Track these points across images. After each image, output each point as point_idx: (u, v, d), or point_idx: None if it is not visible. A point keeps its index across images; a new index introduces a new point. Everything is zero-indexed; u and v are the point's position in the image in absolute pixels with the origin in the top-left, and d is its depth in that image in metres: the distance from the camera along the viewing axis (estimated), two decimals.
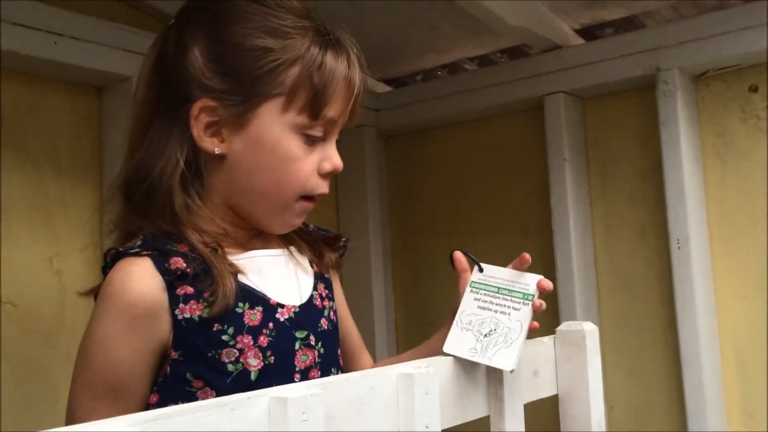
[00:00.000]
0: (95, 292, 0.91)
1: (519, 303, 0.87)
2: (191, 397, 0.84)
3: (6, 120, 1.39)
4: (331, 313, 0.99)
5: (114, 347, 0.84)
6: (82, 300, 1.42)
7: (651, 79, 1.66)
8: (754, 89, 1.61)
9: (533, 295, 0.87)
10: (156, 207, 0.90)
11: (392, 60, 2.01)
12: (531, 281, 0.88)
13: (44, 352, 1.42)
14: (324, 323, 0.96)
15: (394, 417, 0.73)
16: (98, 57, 1.45)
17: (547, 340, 0.99)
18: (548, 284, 0.88)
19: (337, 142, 0.96)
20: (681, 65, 1.62)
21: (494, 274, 0.91)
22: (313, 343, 0.93)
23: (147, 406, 0.85)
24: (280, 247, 0.98)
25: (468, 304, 0.90)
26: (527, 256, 0.92)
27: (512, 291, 0.88)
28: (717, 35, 1.58)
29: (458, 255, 0.96)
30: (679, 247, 1.60)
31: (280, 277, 0.94)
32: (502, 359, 0.83)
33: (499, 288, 0.89)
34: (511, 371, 0.85)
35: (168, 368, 0.85)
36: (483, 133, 2.00)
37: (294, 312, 0.92)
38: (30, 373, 1.39)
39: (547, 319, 1.79)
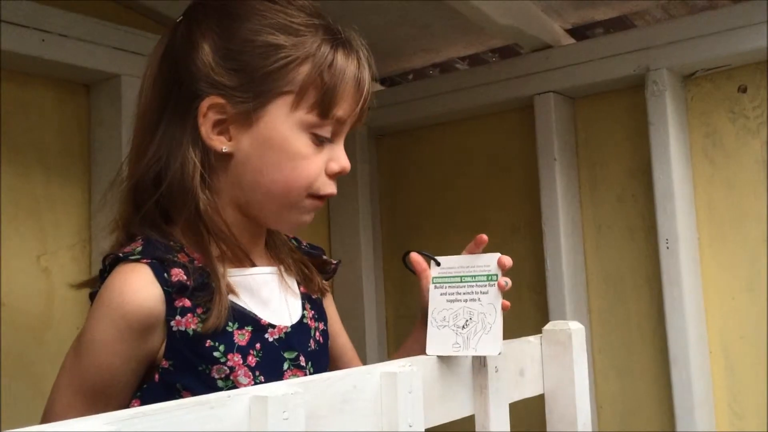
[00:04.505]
0: (90, 292, 0.90)
1: (485, 285, 0.85)
2: None
3: None
4: (317, 333, 0.98)
5: (104, 352, 0.84)
6: (69, 298, 1.44)
7: (641, 79, 1.66)
8: (742, 90, 1.61)
9: (497, 275, 0.85)
10: (175, 206, 0.89)
11: (384, 59, 2.00)
12: (491, 261, 0.86)
13: (32, 350, 1.41)
14: (312, 344, 0.96)
15: (377, 416, 0.72)
16: (87, 55, 1.45)
17: (533, 339, 0.99)
18: (508, 260, 0.86)
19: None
20: (670, 65, 1.62)
21: (452, 264, 0.88)
22: (303, 363, 0.93)
23: None
24: (272, 265, 0.98)
25: (436, 301, 0.88)
26: (484, 237, 0.91)
27: (475, 276, 0.86)
28: (706, 36, 1.58)
29: (415, 256, 0.94)
30: (667, 247, 1.60)
31: (272, 296, 0.94)
32: (487, 346, 0.82)
33: (461, 276, 0.87)
34: (499, 354, 0.82)
35: (156, 376, 0.85)
36: (474, 133, 1.99)
37: (285, 333, 0.92)
38: (18, 370, 1.38)
39: (536, 318, 1.80)
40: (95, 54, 1.46)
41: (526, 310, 1.86)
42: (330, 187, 0.93)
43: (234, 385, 0.85)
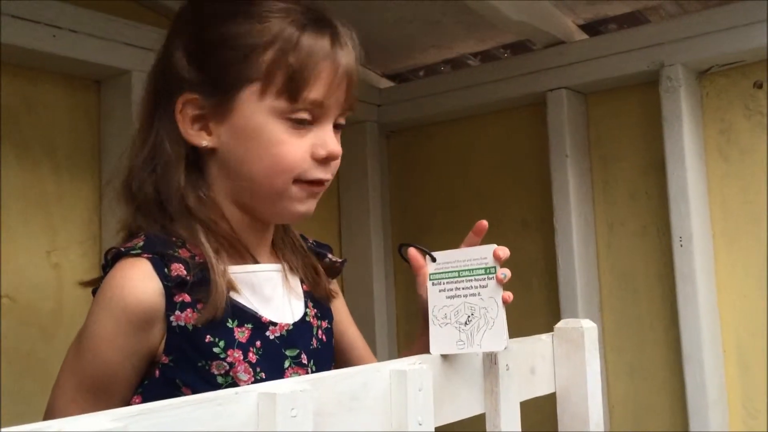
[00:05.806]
0: (94, 288, 0.90)
1: (484, 279, 0.82)
2: None
3: (4, 114, 1.39)
4: (320, 331, 0.98)
5: (104, 347, 0.84)
6: (79, 294, 1.43)
7: (654, 75, 1.64)
8: (758, 85, 1.60)
9: (495, 267, 0.82)
10: (167, 204, 0.89)
11: (394, 55, 2.00)
12: (487, 253, 0.83)
13: (42, 346, 1.41)
14: (314, 342, 0.95)
15: (386, 414, 0.71)
16: (97, 50, 1.45)
17: (545, 337, 0.98)
18: (504, 251, 0.83)
19: (339, 127, 0.92)
20: (685, 61, 1.61)
21: (449, 258, 0.86)
22: (305, 361, 0.92)
23: None
24: (276, 262, 0.97)
25: (436, 299, 0.86)
26: (484, 223, 0.89)
27: (472, 270, 0.83)
28: (721, 31, 1.56)
29: (413, 252, 0.91)
30: (681, 245, 1.59)
31: (274, 294, 0.93)
32: (492, 342, 0.80)
33: (458, 271, 0.85)
34: (505, 349, 0.81)
35: (157, 372, 0.85)
36: (485, 129, 1.98)
37: (286, 330, 0.91)
38: (27, 367, 1.39)
39: (548, 316, 1.79)
40: (106, 50, 1.45)
41: (538, 308, 1.85)
42: (319, 172, 0.90)
43: (234, 382, 0.85)
